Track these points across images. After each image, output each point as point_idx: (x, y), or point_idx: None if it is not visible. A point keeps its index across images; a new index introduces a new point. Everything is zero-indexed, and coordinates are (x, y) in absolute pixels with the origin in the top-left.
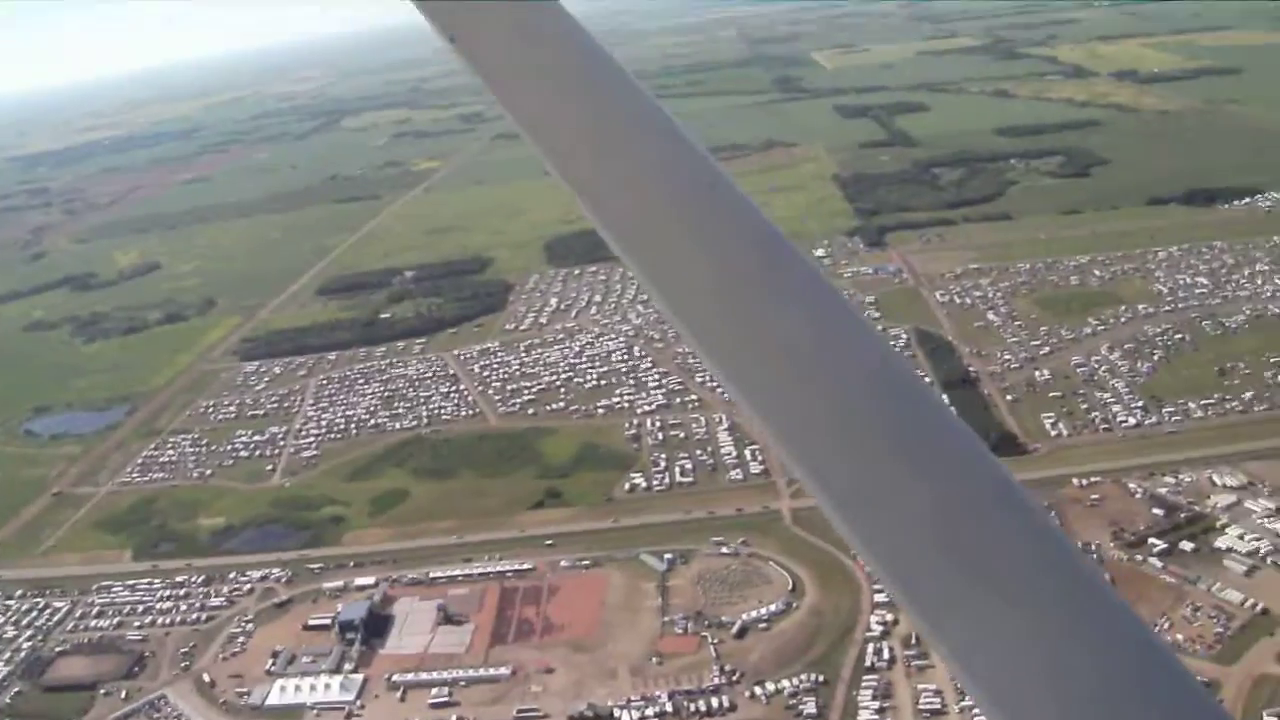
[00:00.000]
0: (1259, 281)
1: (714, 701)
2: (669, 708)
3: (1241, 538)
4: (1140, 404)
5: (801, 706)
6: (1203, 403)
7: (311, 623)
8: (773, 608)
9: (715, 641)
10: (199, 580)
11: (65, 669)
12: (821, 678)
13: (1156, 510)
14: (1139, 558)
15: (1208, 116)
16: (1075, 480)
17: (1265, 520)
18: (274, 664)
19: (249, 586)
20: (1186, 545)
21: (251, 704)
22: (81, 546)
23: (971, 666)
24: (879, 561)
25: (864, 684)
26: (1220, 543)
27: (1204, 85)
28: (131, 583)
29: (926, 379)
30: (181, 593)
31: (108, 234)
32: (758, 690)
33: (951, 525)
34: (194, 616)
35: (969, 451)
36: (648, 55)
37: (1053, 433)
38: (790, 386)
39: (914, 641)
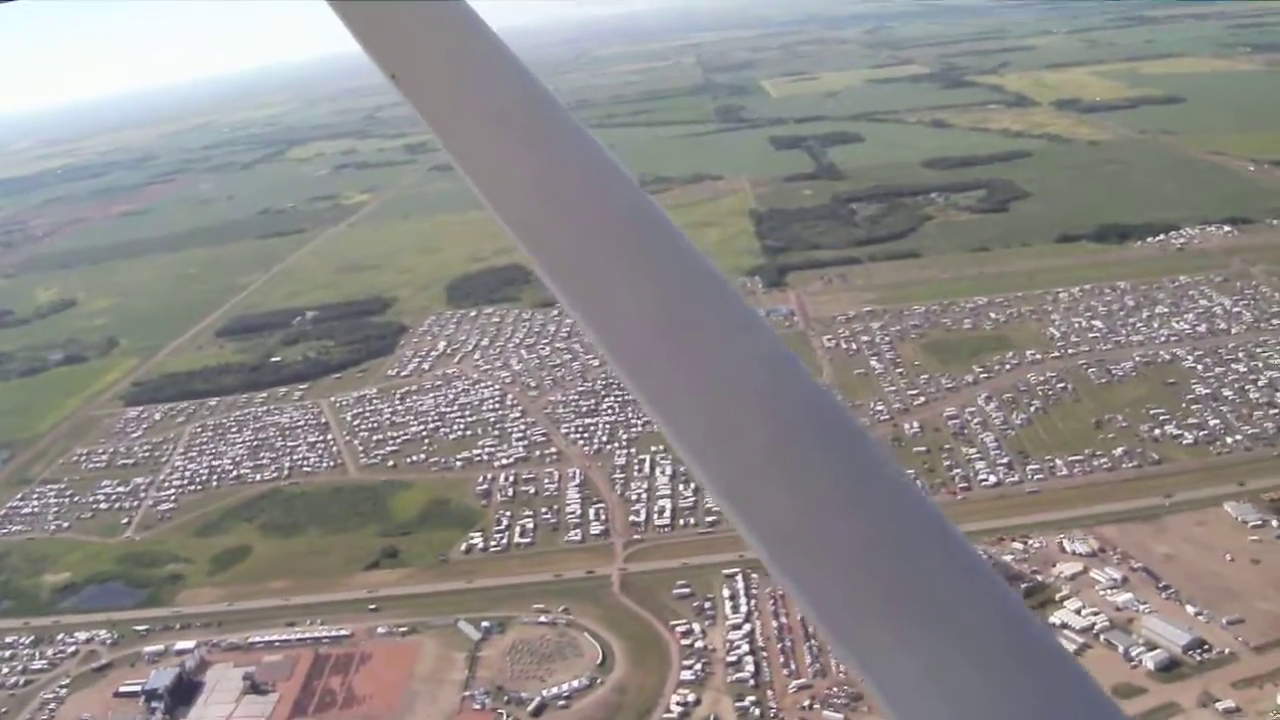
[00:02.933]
0: (1155, 325)
1: None
2: None
3: (1079, 612)
4: (1005, 460)
5: None
6: (1070, 459)
7: (123, 689)
8: (575, 684)
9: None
10: (28, 641)
11: None
12: None
13: None
14: None
15: (1139, 147)
16: None
17: (1107, 592)
18: None
19: (74, 648)
20: None
21: None
22: None
23: (910, 714)
24: (813, 607)
25: None
26: (1056, 617)
27: (1143, 115)
28: None
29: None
30: (8, 654)
31: (36, 268)
32: None
33: (884, 566)
34: (13, 680)
35: (900, 490)
36: (603, 83)
37: None
38: (725, 430)
39: None
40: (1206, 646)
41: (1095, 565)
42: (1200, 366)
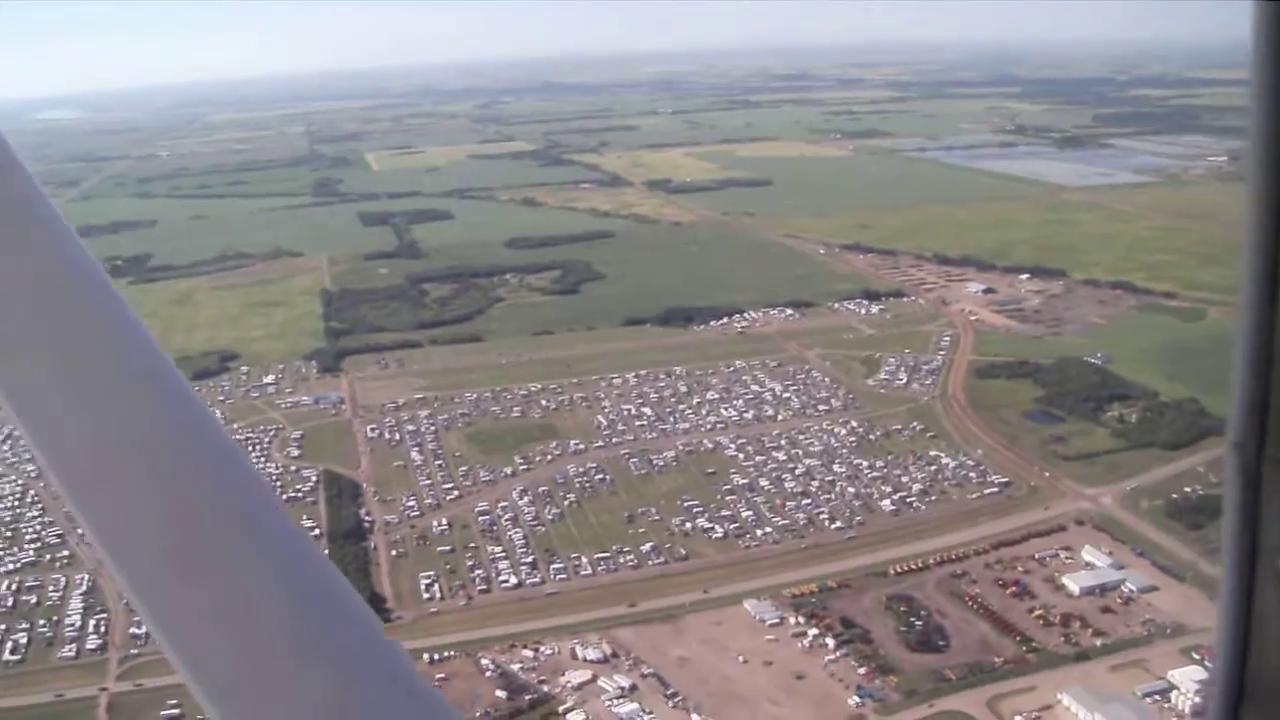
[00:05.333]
0: (704, 411)
1: None
2: None
3: None
4: (530, 560)
5: None
6: (597, 557)
7: None
8: None
9: None
10: None
11: None
12: None
13: (501, 692)
14: None
15: (719, 229)
16: (427, 655)
17: (613, 702)
18: None
19: None
20: None
21: None
22: None
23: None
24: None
25: None
26: None
27: (729, 196)
28: None
29: (314, 532)
30: None
31: None
32: None
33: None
34: None
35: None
36: (207, 151)
37: (426, 595)
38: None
39: None
40: None
41: (605, 672)
42: (742, 455)
